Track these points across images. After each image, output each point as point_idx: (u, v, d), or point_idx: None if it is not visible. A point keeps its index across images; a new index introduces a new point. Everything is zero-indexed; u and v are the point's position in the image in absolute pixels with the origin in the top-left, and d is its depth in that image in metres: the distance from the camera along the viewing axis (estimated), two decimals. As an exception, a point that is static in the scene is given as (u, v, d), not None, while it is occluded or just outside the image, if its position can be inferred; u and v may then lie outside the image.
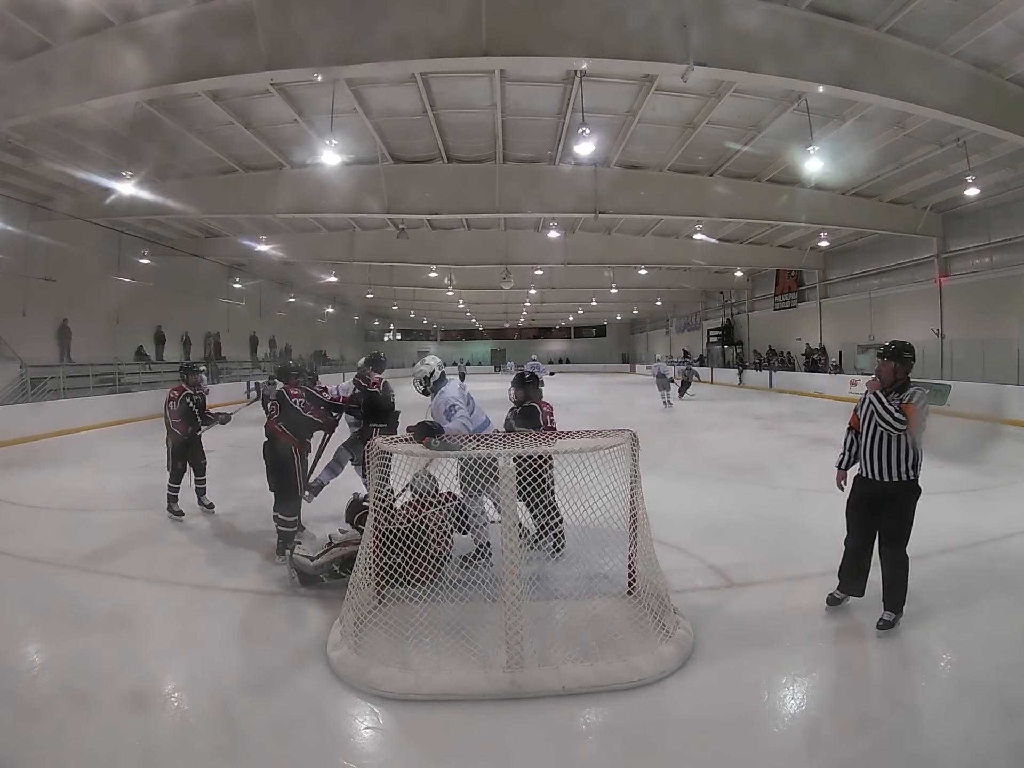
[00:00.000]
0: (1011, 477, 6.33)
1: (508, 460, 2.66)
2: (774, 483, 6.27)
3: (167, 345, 18.14)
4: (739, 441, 9.60)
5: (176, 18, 6.44)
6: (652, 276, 22.35)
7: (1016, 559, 3.89)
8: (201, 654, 2.81)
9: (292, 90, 8.27)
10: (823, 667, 2.68)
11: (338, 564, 3.50)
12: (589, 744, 2.22)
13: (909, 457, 2.97)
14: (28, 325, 12.70)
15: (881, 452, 3.02)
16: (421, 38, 6.27)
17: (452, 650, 2.63)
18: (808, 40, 6.69)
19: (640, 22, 6.24)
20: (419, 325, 43.51)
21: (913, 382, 3.04)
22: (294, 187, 11.45)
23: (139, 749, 2.15)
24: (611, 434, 3.23)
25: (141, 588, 3.62)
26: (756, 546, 4.22)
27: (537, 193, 11.61)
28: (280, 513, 4.07)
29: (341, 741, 2.24)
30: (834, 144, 9.79)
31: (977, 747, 2.10)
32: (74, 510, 5.51)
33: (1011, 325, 12.60)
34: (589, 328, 46.31)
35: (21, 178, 11.30)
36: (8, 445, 9.46)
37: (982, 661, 2.63)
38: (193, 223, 15.72)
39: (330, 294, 28.48)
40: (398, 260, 18.60)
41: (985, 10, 6.43)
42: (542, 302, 29.80)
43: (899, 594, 2.95)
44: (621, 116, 9.52)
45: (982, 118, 7.83)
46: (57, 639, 2.97)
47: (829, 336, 20.00)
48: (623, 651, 2.60)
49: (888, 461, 2.99)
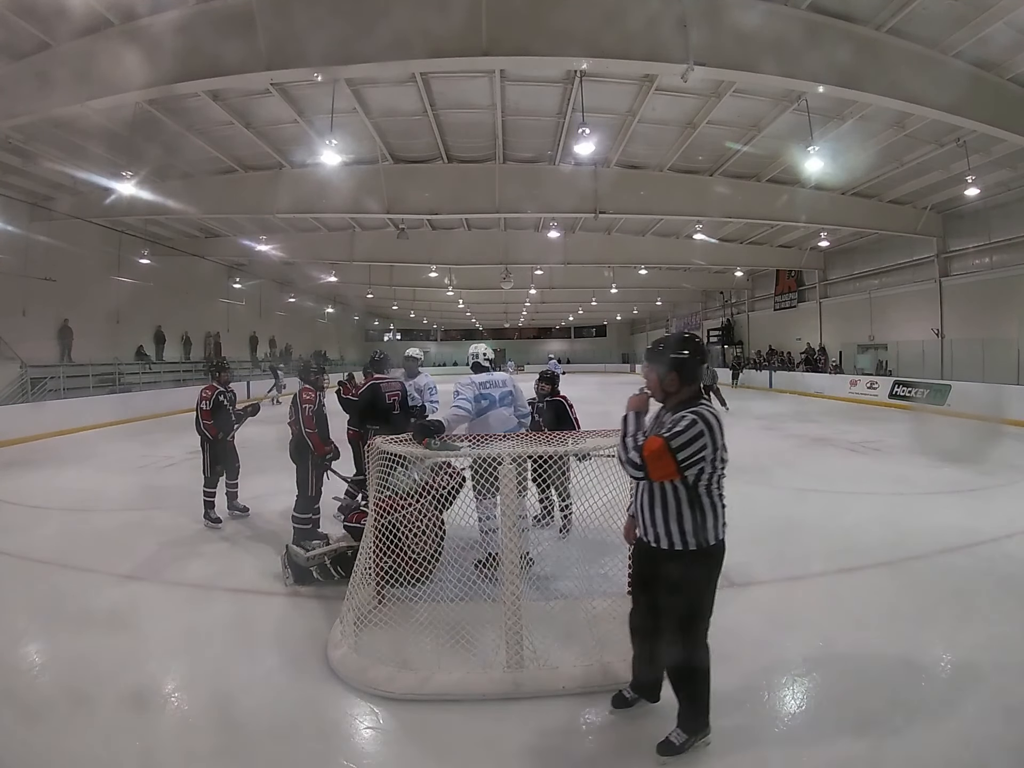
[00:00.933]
0: (1011, 477, 6.33)
1: (508, 461, 2.66)
2: (774, 483, 6.28)
3: (167, 345, 18.15)
4: (739, 441, 9.51)
5: (176, 18, 6.44)
6: (652, 276, 22.34)
7: (1016, 559, 3.88)
8: (201, 654, 2.81)
9: (292, 90, 8.27)
10: (823, 667, 2.67)
11: (330, 558, 3.49)
12: (589, 744, 2.22)
13: (683, 517, 2.00)
14: (28, 325, 12.71)
15: (644, 503, 2.09)
16: (421, 38, 6.27)
17: (452, 650, 2.63)
18: (808, 40, 6.69)
19: (640, 22, 6.24)
20: (419, 325, 43.52)
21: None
22: (294, 187, 11.45)
23: (139, 749, 2.15)
24: (611, 434, 3.22)
25: (141, 588, 3.62)
26: (756, 546, 4.21)
27: (537, 193, 11.61)
28: (294, 510, 4.11)
29: (341, 741, 2.23)
30: (834, 144, 9.78)
31: (977, 747, 2.10)
32: (74, 510, 5.51)
33: (1011, 325, 12.60)
34: (589, 328, 46.31)
35: (21, 178, 11.30)
36: (8, 445, 9.47)
37: (982, 661, 2.63)
38: (193, 223, 15.72)
39: (330, 294, 28.50)
40: (398, 260, 18.60)
41: (985, 10, 6.44)
42: (542, 302, 29.80)
43: (688, 705, 2.10)
44: (621, 116, 9.51)
45: (982, 118, 7.83)
46: (57, 639, 2.97)
47: (829, 336, 20.00)
48: (623, 651, 2.60)
49: (652, 517, 2.06)
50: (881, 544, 4.17)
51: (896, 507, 5.24)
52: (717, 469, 2.00)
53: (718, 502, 2.05)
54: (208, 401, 4.99)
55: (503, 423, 3.75)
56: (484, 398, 3.72)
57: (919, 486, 6.05)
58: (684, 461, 1.90)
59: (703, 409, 1.97)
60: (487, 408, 3.73)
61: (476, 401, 3.67)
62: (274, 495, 5.37)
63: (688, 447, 1.90)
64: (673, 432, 1.92)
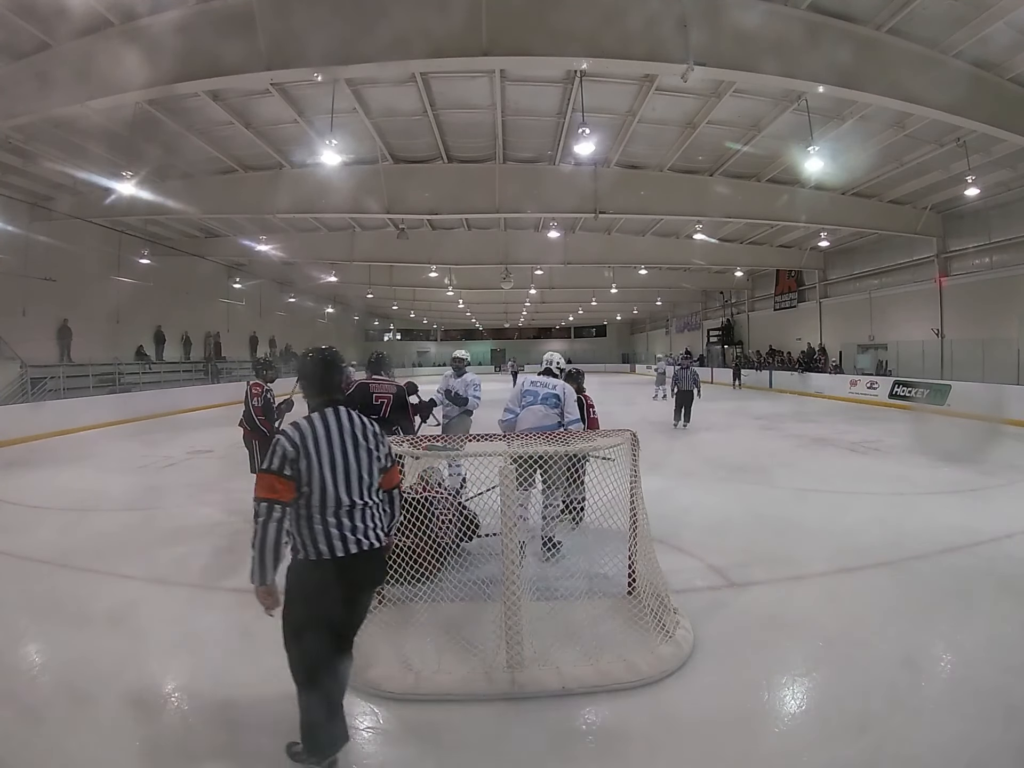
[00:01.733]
0: (1011, 477, 6.33)
1: (508, 461, 2.66)
2: (774, 483, 6.28)
3: (167, 345, 18.15)
4: (739, 441, 9.60)
5: (176, 18, 6.45)
6: (652, 276, 22.35)
7: (1016, 559, 3.88)
8: (201, 654, 2.81)
9: (292, 90, 8.28)
10: (823, 667, 2.67)
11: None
12: (589, 744, 2.22)
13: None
14: (28, 325, 12.72)
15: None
16: (421, 38, 6.27)
17: (452, 650, 2.63)
18: (808, 40, 6.70)
19: (640, 22, 6.24)
20: (419, 325, 43.57)
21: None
22: (294, 187, 11.46)
23: (139, 749, 2.15)
24: (611, 434, 3.23)
25: (141, 588, 3.62)
26: (756, 546, 4.21)
27: (537, 193, 11.62)
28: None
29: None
30: (834, 144, 9.79)
31: (977, 747, 2.10)
32: (74, 510, 5.51)
33: (1011, 325, 12.60)
34: (589, 328, 46.34)
35: (21, 178, 11.31)
36: (8, 445, 9.46)
37: (982, 661, 2.63)
38: (193, 223, 15.73)
39: (330, 294, 28.50)
40: (398, 260, 18.61)
41: (985, 10, 6.44)
42: (542, 302, 29.81)
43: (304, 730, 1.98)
44: (621, 116, 9.52)
45: (982, 118, 7.84)
46: (57, 639, 2.97)
47: (829, 336, 20.00)
48: (623, 651, 2.60)
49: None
50: (881, 544, 4.16)
51: (896, 507, 5.23)
52: (314, 483, 1.93)
53: (320, 517, 1.94)
54: (259, 398, 5.06)
55: (537, 419, 4.02)
56: (528, 394, 4.12)
57: (919, 486, 6.05)
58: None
59: (301, 422, 1.99)
60: (528, 404, 4.09)
61: (521, 398, 4.12)
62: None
63: (270, 459, 1.91)
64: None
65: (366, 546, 1.97)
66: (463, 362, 5.77)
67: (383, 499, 2.12)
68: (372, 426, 2.11)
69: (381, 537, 2.04)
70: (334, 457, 1.96)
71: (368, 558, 1.99)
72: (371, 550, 1.99)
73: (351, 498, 1.98)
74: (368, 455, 2.04)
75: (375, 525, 2.04)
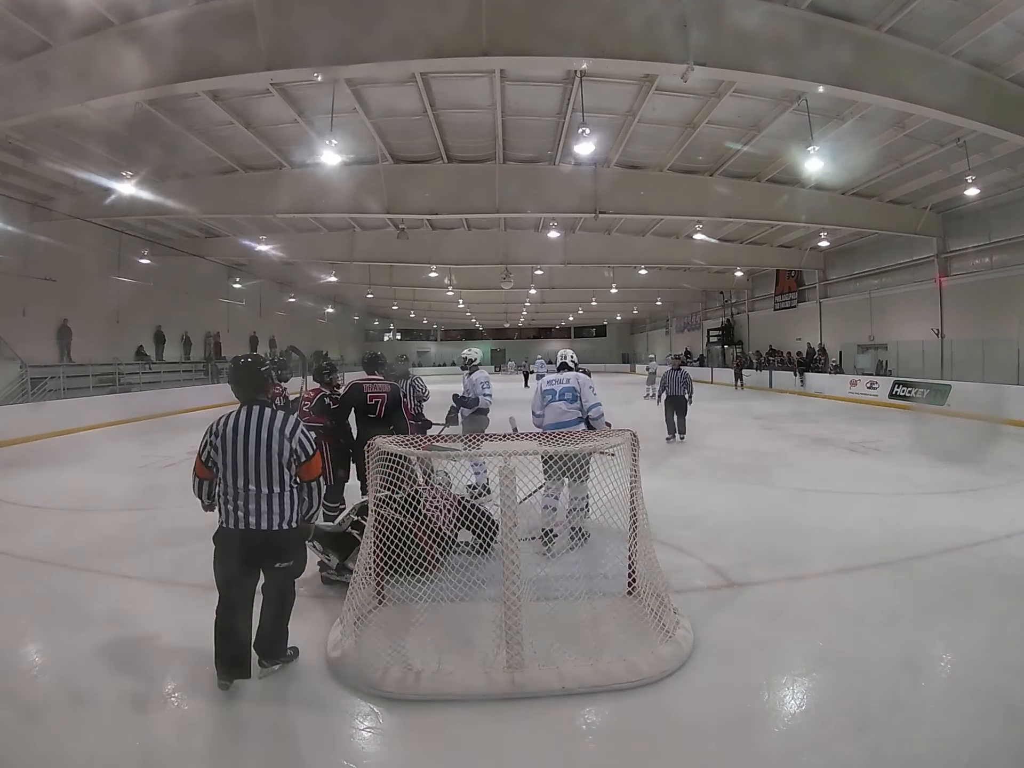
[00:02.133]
0: (1011, 477, 6.33)
1: (508, 461, 2.66)
2: (774, 483, 6.28)
3: (167, 345, 18.15)
4: (739, 441, 9.60)
5: (176, 18, 6.44)
6: (652, 276, 22.35)
7: (1016, 559, 3.88)
8: (201, 654, 2.81)
9: (292, 90, 8.27)
10: (823, 667, 2.67)
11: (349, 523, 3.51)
12: (589, 744, 2.22)
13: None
14: (28, 325, 12.72)
15: None
16: (421, 38, 6.27)
17: (452, 650, 2.63)
18: (808, 40, 6.69)
19: (640, 22, 6.24)
20: (419, 325, 43.55)
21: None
22: (294, 187, 11.45)
23: (139, 749, 2.15)
24: (611, 434, 3.23)
25: (141, 588, 3.62)
26: (756, 546, 4.21)
27: (537, 193, 11.62)
28: (325, 498, 4.22)
29: (341, 741, 2.23)
30: (834, 144, 9.79)
31: (977, 747, 2.10)
32: (74, 510, 5.51)
33: (1011, 325, 12.60)
34: (589, 328, 46.30)
35: (21, 178, 11.30)
36: (8, 445, 9.47)
37: (982, 661, 2.63)
38: (193, 223, 15.73)
39: (330, 294, 28.49)
40: (398, 260, 18.61)
41: (985, 10, 6.44)
42: (542, 302, 29.80)
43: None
44: (621, 116, 9.52)
45: (982, 118, 7.84)
46: (57, 639, 2.97)
47: (829, 336, 20.00)
48: (623, 651, 2.60)
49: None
50: (881, 544, 4.16)
51: (896, 507, 5.23)
52: (218, 467, 2.45)
53: (222, 493, 2.45)
54: (280, 398, 5.07)
55: (558, 416, 4.32)
56: (547, 394, 4.42)
57: (919, 486, 6.05)
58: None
59: (222, 417, 2.47)
60: (549, 401, 4.39)
61: (542, 399, 4.42)
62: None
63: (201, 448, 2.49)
64: None
65: (243, 525, 2.38)
66: (470, 361, 5.84)
67: (292, 488, 2.46)
68: (281, 424, 2.44)
69: (274, 522, 2.39)
70: (227, 449, 2.40)
71: (246, 537, 2.38)
72: (251, 530, 2.38)
73: (236, 485, 2.39)
74: (267, 450, 2.39)
75: (268, 510, 2.39)
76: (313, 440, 2.56)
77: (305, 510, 2.53)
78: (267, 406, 2.48)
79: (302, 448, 2.47)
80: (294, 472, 2.46)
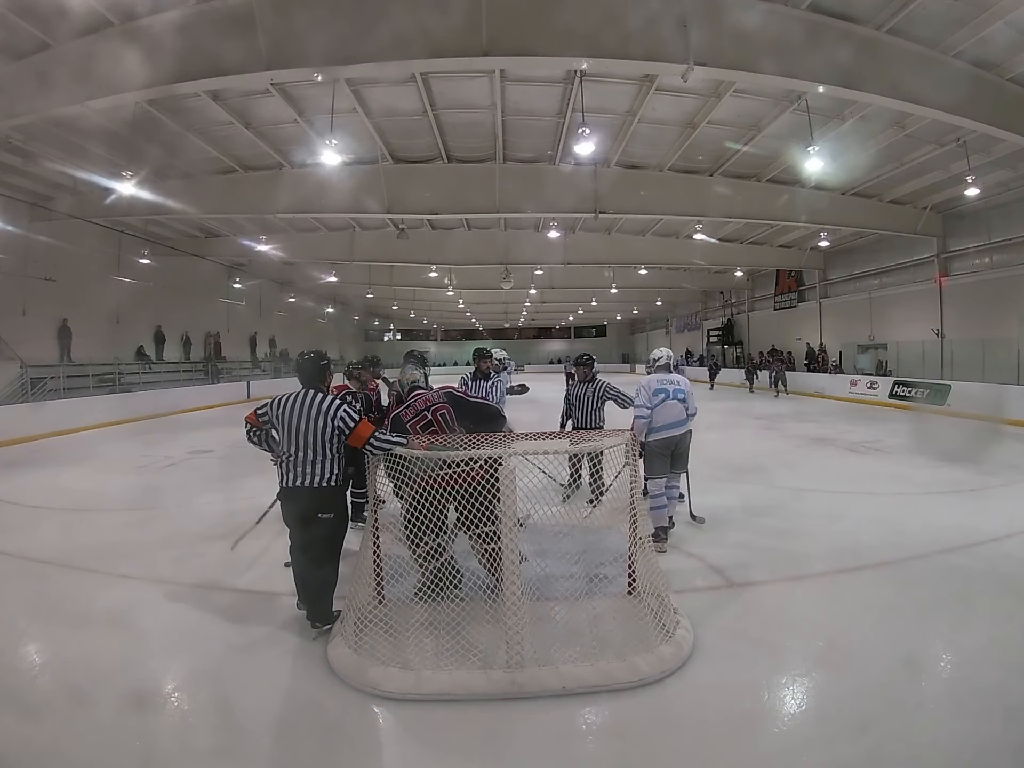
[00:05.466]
0: (1011, 477, 6.32)
1: (509, 461, 2.66)
2: (774, 483, 6.27)
3: (167, 345, 18.15)
4: (739, 441, 9.59)
5: (176, 18, 6.44)
6: (652, 276, 22.34)
7: (1016, 559, 3.88)
8: (201, 654, 2.81)
9: (292, 90, 8.27)
10: (823, 667, 2.67)
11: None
12: (589, 744, 2.22)
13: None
14: (28, 325, 12.72)
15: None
16: (421, 38, 6.27)
17: (452, 650, 2.63)
18: (808, 40, 6.69)
19: (640, 22, 6.24)
20: (419, 325, 43.53)
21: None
22: (294, 187, 11.45)
23: (139, 749, 2.15)
24: (611, 434, 3.23)
25: (141, 588, 3.62)
26: (756, 546, 4.21)
27: (537, 193, 11.61)
28: (353, 486, 4.20)
29: (341, 741, 2.23)
30: (834, 144, 9.79)
31: (977, 747, 2.10)
32: (74, 510, 5.51)
33: (1011, 325, 12.60)
34: (589, 328, 46.28)
35: (21, 178, 11.30)
36: (8, 445, 9.46)
37: (982, 661, 2.63)
38: (193, 223, 15.72)
39: (330, 294, 28.48)
40: (398, 260, 18.60)
41: (985, 10, 6.44)
42: (542, 302, 29.79)
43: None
44: (621, 116, 9.52)
45: (982, 118, 7.83)
46: (57, 639, 2.97)
47: (829, 336, 20.00)
48: (623, 651, 2.60)
49: None
50: (881, 544, 4.16)
51: (896, 507, 5.23)
52: (275, 436, 3.12)
53: (281, 460, 2.98)
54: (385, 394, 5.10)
55: (675, 415, 4.33)
56: (660, 392, 4.35)
57: (919, 486, 6.05)
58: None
59: (279, 395, 3.04)
60: (663, 400, 4.32)
61: (654, 396, 4.32)
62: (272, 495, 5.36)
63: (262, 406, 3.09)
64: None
65: (294, 483, 2.88)
66: (498, 362, 5.75)
67: (335, 455, 2.92)
68: (327, 407, 2.91)
69: (315, 480, 2.86)
70: (283, 422, 2.94)
71: (296, 492, 2.88)
72: (299, 487, 2.86)
73: (289, 451, 2.91)
74: (313, 425, 2.88)
75: (311, 472, 2.86)
76: (356, 412, 3.09)
77: (336, 468, 2.94)
78: (320, 392, 2.98)
79: (344, 423, 2.91)
80: (339, 442, 2.92)
